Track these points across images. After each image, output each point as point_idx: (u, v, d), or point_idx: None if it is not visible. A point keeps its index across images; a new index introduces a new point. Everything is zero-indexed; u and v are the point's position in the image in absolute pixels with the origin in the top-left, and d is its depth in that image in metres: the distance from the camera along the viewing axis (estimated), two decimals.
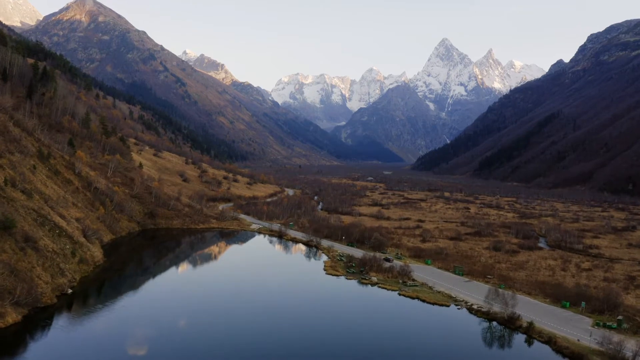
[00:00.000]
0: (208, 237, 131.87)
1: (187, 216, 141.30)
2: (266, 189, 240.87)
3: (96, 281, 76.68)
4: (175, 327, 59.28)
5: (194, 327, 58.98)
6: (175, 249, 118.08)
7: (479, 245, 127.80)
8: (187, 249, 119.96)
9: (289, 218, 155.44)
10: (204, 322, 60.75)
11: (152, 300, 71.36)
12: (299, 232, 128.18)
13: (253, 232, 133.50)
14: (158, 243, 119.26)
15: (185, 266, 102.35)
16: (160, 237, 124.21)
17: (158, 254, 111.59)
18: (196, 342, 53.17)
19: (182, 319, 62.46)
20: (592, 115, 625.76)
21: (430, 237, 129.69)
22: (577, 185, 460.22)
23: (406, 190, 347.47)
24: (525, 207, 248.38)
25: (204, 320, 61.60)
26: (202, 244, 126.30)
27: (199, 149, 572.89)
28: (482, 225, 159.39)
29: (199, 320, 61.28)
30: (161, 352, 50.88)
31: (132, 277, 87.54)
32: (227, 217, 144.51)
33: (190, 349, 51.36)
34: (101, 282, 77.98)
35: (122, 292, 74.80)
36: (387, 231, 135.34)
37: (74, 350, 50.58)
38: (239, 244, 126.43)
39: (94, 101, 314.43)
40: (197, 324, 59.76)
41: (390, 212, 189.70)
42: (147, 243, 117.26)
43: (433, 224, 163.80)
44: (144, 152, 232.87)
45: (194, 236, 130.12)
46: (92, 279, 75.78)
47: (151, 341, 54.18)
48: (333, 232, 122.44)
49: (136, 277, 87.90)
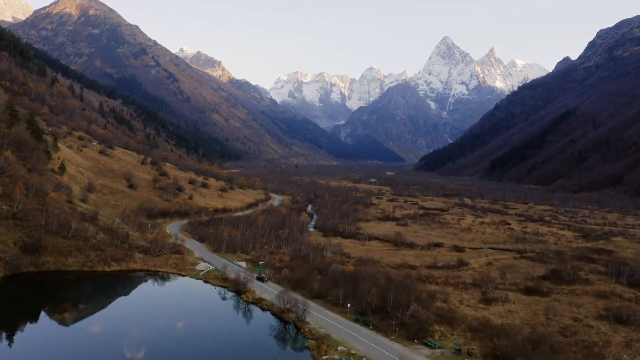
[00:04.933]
0: (105, 290, 78.34)
1: (95, 249, 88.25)
2: (244, 196, 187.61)
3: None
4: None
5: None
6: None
7: (577, 302, 75.29)
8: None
9: (263, 248, 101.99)
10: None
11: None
12: (269, 285, 74.51)
13: (197, 278, 79.53)
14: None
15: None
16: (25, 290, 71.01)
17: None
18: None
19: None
20: (612, 112, 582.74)
21: (492, 290, 76.71)
22: (606, 188, 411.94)
23: (417, 195, 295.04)
24: (574, 220, 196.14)
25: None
26: (74, 310, 68.90)
27: (185, 146, 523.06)
28: (552, 258, 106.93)
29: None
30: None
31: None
32: (163, 249, 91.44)
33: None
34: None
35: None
36: (417, 275, 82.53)
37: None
38: (157, 311, 68.42)
39: (43, 88, 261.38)
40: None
41: (411, 233, 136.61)
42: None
43: (478, 254, 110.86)
44: (88, 148, 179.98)
45: (86, 286, 76.68)
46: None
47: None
48: (329, 288, 68.98)
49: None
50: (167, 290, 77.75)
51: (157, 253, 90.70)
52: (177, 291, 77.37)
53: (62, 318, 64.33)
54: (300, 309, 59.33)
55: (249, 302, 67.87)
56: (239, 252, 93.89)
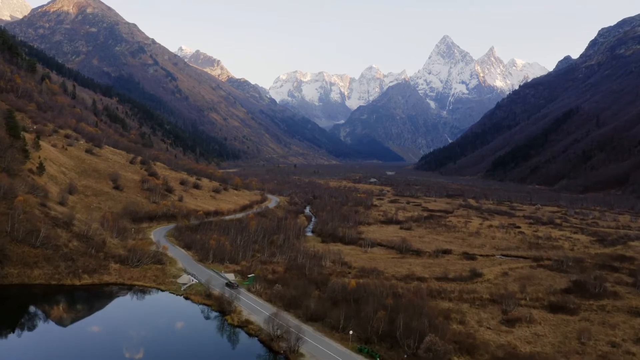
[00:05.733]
0: (69, 307, 68.32)
1: (66, 259, 78.58)
2: (239, 198, 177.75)
3: None
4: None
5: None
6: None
7: (610, 322, 65.84)
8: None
9: (255, 257, 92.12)
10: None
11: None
12: (259, 301, 64.42)
13: (177, 294, 69.60)
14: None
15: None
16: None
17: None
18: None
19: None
20: (616, 110, 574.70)
21: (513, 307, 67.16)
22: (612, 188, 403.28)
23: (420, 195, 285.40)
24: (585, 223, 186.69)
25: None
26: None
27: (182, 146, 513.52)
28: (572, 266, 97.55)
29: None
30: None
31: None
32: (143, 259, 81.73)
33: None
34: None
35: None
36: (427, 289, 72.83)
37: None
38: (126, 335, 56.14)
39: (32, 85, 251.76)
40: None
41: (417, 238, 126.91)
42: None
43: (491, 263, 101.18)
44: (74, 146, 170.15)
45: (44, 303, 67.02)
46: None
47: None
48: (328, 308, 59.13)
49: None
50: (141, 308, 67.82)
51: (136, 263, 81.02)
52: (152, 309, 67.51)
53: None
54: (293, 337, 49.55)
55: (235, 326, 58.00)
56: (227, 262, 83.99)
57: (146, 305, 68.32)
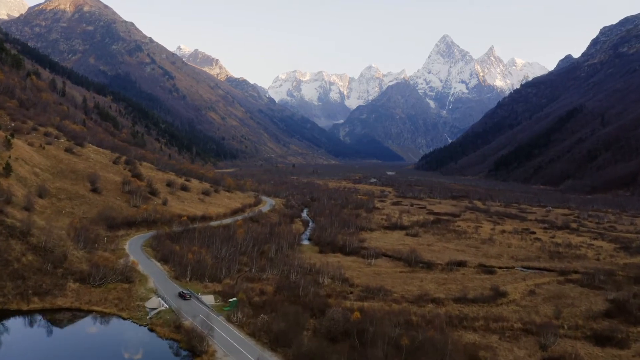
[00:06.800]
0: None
1: (15, 277, 65.79)
2: (230, 200, 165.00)
3: None
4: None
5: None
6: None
7: None
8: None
9: (241, 271, 79.15)
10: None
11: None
12: (239, 335, 51.25)
13: (141, 324, 56.72)
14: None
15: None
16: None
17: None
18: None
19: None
20: (620, 109, 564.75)
21: (553, 341, 54.61)
22: (619, 189, 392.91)
23: (423, 197, 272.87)
24: (602, 227, 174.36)
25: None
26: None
27: (178, 145, 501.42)
28: (604, 281, 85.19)
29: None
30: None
31: None
32: (108, 276, 69.00)
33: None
34: None
35: None
36: (447, 316, 60.32)
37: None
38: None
39: (15, 81, 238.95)
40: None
41: (425, 246, 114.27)
42: None
43: (512, 277, 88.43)
44: (53, 145, 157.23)
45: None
46: None
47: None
48: (326, 347, 46.16)
49: None
50: (92, 344, 54.38)
51: (99, 282, 68.31)
52: (106, 346, 54.11)
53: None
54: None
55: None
56: (206, 280, 71.09)
57: (98, 340, 54.83)
